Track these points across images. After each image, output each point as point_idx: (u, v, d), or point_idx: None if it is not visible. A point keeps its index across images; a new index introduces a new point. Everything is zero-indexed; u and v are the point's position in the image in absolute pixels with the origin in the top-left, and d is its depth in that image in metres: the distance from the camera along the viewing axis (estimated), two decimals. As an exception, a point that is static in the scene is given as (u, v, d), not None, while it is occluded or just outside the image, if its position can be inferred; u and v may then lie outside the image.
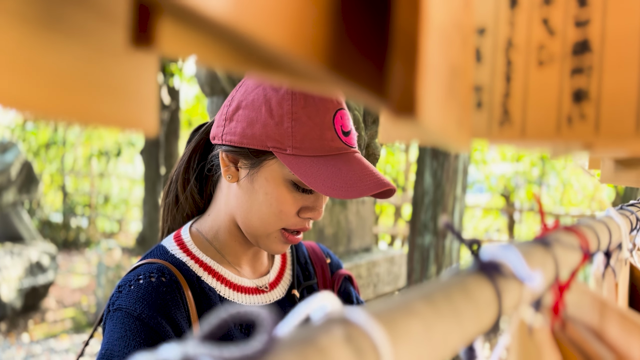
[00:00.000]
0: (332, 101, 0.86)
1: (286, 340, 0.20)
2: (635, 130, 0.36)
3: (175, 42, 0.12)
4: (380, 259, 2.67)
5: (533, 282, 0.35)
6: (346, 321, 0.23)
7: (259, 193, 0.86)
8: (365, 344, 0.22)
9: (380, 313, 0.24)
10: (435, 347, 0.27)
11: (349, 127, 0.88)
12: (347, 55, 0.15)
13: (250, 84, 0.88)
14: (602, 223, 0.68)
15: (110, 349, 0.78)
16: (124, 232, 10.93)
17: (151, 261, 0.88)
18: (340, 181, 0.82)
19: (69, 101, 0.14)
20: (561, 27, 0.38)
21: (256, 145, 0.84)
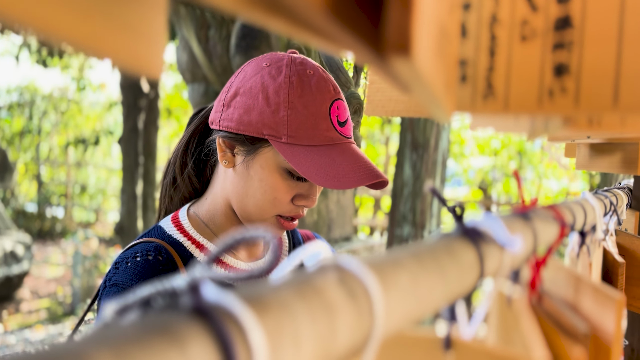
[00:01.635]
0: (330, 91, 0.87)
1: (284, 280, 0.21)
2: (613, 103, 0.38)
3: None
4: (359, 247, 2.70)
5: (513, 247, 0.37)
6: (339, 267, 0.24)
7: (254, 179, 0.87)
8: (357, 287, 0.23)
9: (371, 262, 0.25)
10: (421, 299, 0.28)
11: (345, 117, 0.89)
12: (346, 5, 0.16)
13: (249, 71, 0.89)
14: (578, 204, 0.70)
15: None
16: (100, 222, 10.79)
17: (148, 240, 0.88)
18: (333, 171, 0.83)
19: (85, 29, 0.14)
20: (544, 3, 0.40)
21: (252, 132, 0.85)
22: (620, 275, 0.96)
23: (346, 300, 0.22)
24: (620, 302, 0.52)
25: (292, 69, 0.86)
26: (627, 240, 1.16)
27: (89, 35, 0.16)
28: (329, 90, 0.87)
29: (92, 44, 0.16)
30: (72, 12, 0.15)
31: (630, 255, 1.16)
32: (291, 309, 0.19)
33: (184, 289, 0.17)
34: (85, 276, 6.00)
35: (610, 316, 0.52)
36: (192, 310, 0.17)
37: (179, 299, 0.17)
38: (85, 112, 11.42)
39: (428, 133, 5.40)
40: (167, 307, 0.17)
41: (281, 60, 0.88)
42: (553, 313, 0.56)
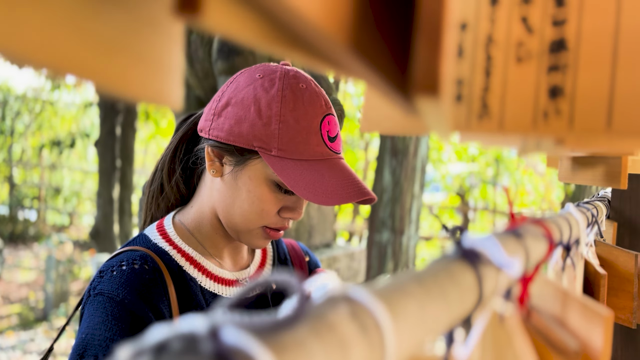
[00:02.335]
0: (321, 106, 0.87)
1: (297, 316, 0.21)
2: (606, 126, 0.38)
3: (218, 13, 0.12)
4: (340, 254, 2.69)
5: (511, 269, 0.37)
6: (350, 299, 0.24)
7: (242, 190, 0.87)
8: (368, 320, 0.23)
9: (379, 292, 0.25)
10: (427, 326, 0.28)
11: (335, 132, 0.89)
12: (370, 40, 0.16)
13: (242, 81, 0.88)
14: (563, 218, 0.71)
15: (90, 333, 0.76)
16: (75, 225, 10.60)
17: (134, 248, 0.87)
18: (321, 187, 0.82)
19: (105, 67, 0.14)
20: (539, 25, 0.40)
21: (242, 143, 0.84)
22: (602, 287, 0.98)
23: (359, 334, 0.22)
24: (608, 319, 0.52)
25: (285, 82, 0.86)
26: (606, 250, 1.19)
27: (107, 72, 0.15)
28: (321, 105, 0.87)
29: (111, 80, 0.15)
30: (91, 50, 0.14)
31: (609, 266, 1.18)
32: (307, 348, 0.19)
33: (204, 334, 0.16)
34: (58, 281, 5.88)
35: (599, 332, 0.53)
36: (213, 356, 0.16)
37: (199, 343, 0.16)
38: (61, 113, 11.22)
39: (407, 139, 5.45)
40: (185, 352, 0.16)
41: (274, 73, 0.87)
42: (542, 329, 0.56)
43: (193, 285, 0.87)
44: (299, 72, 0.90)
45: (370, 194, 0.86)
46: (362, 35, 0.16)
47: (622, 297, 1.16)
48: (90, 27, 0.13)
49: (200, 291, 0.88)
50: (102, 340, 0.75)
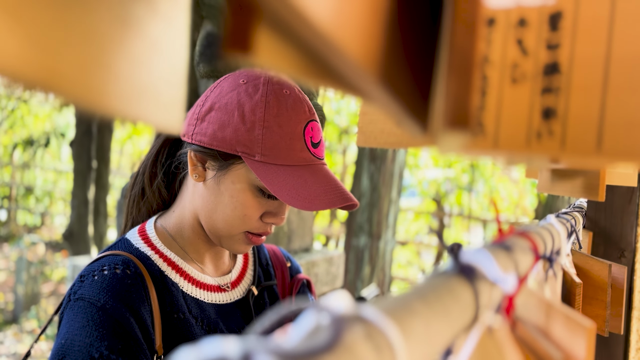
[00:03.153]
0: (305, 112, 0.88)
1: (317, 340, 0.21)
2: (596, 149, 0.40)
3: (268, 51, 0.13)
4: (319, 259, 2.70)
5: (506, 285, 0.38)
6: (363, 320, 0.24)
7: (225, 195, 0.87)
8: (382, 341, 0.24)
9: (389, 311, 0.26)
10: (433, 344, 0.29)
11: (318, 139, 0.90)
12: (396, 74, 0.17)
13: (226, 86, 0.88)
14: (546, 229, 0.73)
15: (70, 338, 0.75)
16: (47, 226, 10.38)
17: (116, 253, 0.86)
18: (304, 192, 0.83)
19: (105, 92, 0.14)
20: (534, 48, 0.41)
21: (226, 148, 0.85)
22: (577, 296, 1.00)
23: (373, 355, 0.23)
24: (591, 330, 0.54)
25: (269, 88, 0.86)
26: (581, 259, 1.22)
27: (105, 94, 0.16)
28: (304, 111, 0.88)
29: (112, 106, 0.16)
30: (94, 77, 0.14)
31: (584, 275, 1.21)
32: (329, 371, 0.20)
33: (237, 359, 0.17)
34: (29, 283, 5.76)
35: (581, 343, 0.55)
36: (247, 382, 0.17)
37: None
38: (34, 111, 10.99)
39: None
40: (218, 377, 0.17)
41: (258, 79, 0.88)
42: (527, 339, 0.58)
43: (175, 290, 0.87)
44: (282, 78, 0.91)
45: (353, 200, 0.87)
46: (391, 68, 0.16)
47: (595, 305, 1.19)
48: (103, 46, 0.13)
49: (182, 296, 0.88)
50: (82, 346, 0.74)
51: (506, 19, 0.43)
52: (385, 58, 0.16)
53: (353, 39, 0.14)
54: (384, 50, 0.16)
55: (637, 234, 1.36)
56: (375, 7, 0.15)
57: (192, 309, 0.88)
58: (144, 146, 11.49)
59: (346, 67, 0.15)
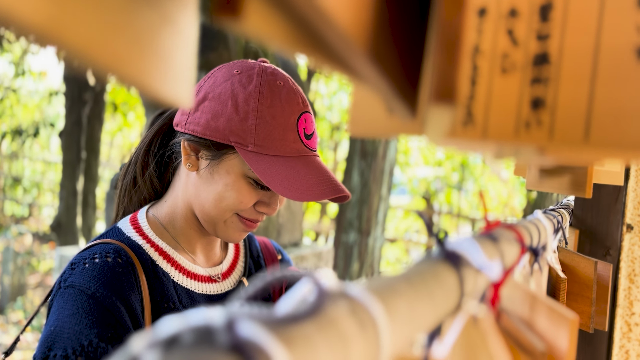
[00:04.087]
0: (298, 103, 0.88)
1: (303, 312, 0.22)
2: (584, 139, 0.40)
3: (258, 17, 0.13)
4: (308, 254, 2.70)
5: (491, 272, 0.38)
6: (348, 296, 0.24)
7: (219, 184, 0.87)
8: (366, 317, 0.24)
9: (374, 290, 0.26)
10: (416, 323, 0.29)
11: (311, 130, 0.90)
12: (385, 49, 0.17)
13: (220, 76, 0.88)
14: (532, 224, 0.74)
15: (60, 325, 0.75)
16: (34, 217, 10.30)
17: (107, 241, 0.86)
18: (297, 183, 0.83)
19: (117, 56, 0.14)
20: (524, 38, 0.42)
21: (219, 138, 0.85)
22: (562, 291, 1.02)
23: (357, 330, 0.23)
24: (574, 322, 0.55)
25: (263, 79, 0.86)
26: (568, 256, 1.23)
27: (120, 62, 0.16)
28: (298, 103, 0.88)
29: (124, 72, 0.16)
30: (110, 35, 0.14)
31: (571, 271, 1.22)
32: (313, 342, 0.20)
33: (220, 326, 0.17)
34: (16, 274, 5.71)
35: (564, 335, 0.55)
36: (230, 348, 0.17)
37: (214, 335, 0.17)
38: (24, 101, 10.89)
39: (377, 142, 5.50)
40: (201, 344, 0.17)
41: (252, 69, 0.88)
42: (511, 331, 0.58)
43: (165, 280, 0.87)
44: (277, 69, 0.90)
45: (345, 192, 0.87)
46: (380, 44, 0.16)
47: (581, 302, 1.20)
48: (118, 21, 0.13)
49: (173, 286, 0.88)
50: (71, 334, 0.74)
51: (497, 9, 0.43)
52: (375, 33, 0.16)
53: (343, 9, 0.14)
54: (374, 24, 0.16)
55: (622, 233, 1.38)
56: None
57: (183, 298, 0.88)
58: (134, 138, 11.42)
59: (336, 37, 0.15)
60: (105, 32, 0.13)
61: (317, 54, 0.16)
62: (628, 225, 1.35)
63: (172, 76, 0.17)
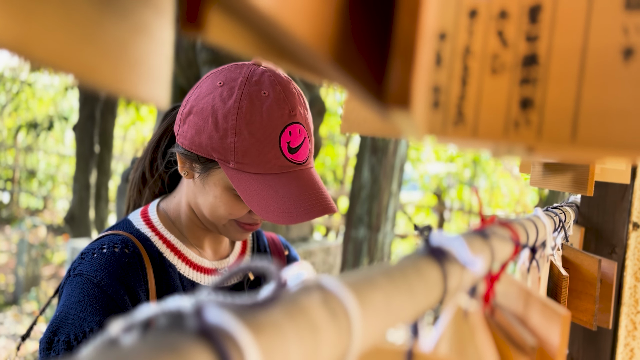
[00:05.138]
0: (282, 115, 0.84)
1: (273, 301, 0.23)
2: (571, 137, 0.41)
3: (219, 29, 0.14)
4: (316, 248, 2.72)
5: (474, 267, 0.39)
6: (322, 288, 0.26)
7: (209, 195, 0.89)
8: (338, 307, 0.25)
9: (349, 282, 0.27)
10: (392, 315, 0.30)
11: (298, 142, 0.86)
12: (349, 54, 0.18)
13: (203, 89, 0.87)
14: (530, 221, 0.74)
15: (65, 312, 0.78)
16: (48, 209, 10.43)
17: (116, 232, 0.89)
18: (274, 205, 0.82)
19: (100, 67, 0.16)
20: (514, 39, 0.42)
21: (203, 153, 0.85)
22: (563, 289, 1.02)
23: (328, 319, 0.24)
24: (566, 318, 0.55)
25: (245, 91, 0.84)
26: (572, 254, 1.23)
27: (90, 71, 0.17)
28: (283, 115, 0.84)
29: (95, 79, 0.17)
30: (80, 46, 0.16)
31: (574, 269, 1.23)
32: (282, 330, 0.21)
33: (189, 312, 0.18)
34: (30, 265, 5.80)
35: (556, 330, 0.56)
36: (197, 332, 0.18)
37: (184, 320, 0.18)
38: (39, 95, 11.01)
39: (388, 138, 5.49)
40: (172, 328, 0.18)
41: (235, 80, 0.85)
42: (504, 325, 0.59)
43: (171, 272, 0.89)
44: (266, 75, 0.86)
45: (328, 208, 0.85)
46: (342, 50, 0.17)
47: (584, 299, 1.20)
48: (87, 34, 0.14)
49: (179, 278, 0.90)
50: (75, 320, 0.77)
51: (488, 11, 0.44)
52: (337, 40, 0.17)
53: (301, 21, 0.15)
54: (336, 32, 0.17)
55: (628, 231, 1.37)
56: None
57: (188, 290, 0.90)
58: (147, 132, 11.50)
59: (297, 47, 0.16)
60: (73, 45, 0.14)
61: (283, 61, 0.17)
62: (634, 223, 1.35)
63: (146, 79, 0.18)
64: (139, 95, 0.19)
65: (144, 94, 0.19)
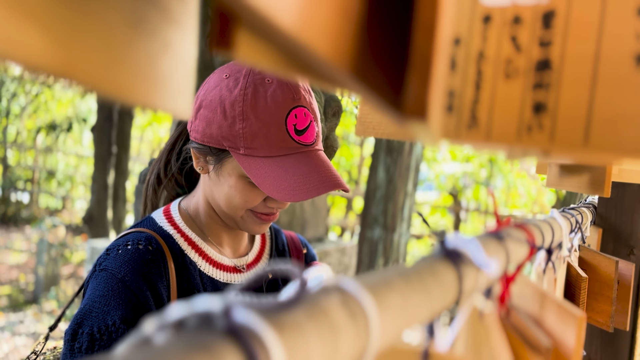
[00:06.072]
0: (288, 99, 0.87)
1: (296, 302, 0.24)
2: (583, 141, 0.42)
3: (248, 48, 0.15)
4: (332, 249, 2.73)
5: (489, 269, 0.40)
6: (341, 289, 0.27)
7: (224, 186, 0.91)
8: (357, 308, 0.26)
9: (367, 284, 0.28)
10: (408, 316, 0.31)
11: (304, 125, 0.89)
12: (367, 67, 0.19)
13: (211, 83, 0.91)
14: (546, 223, 0.74)
15: (90, 305, 0.81)
16: (67, 209, 10.59)
17: (140, 230, 0.92)
18: (285, 184, 0.85)
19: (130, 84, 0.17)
20: (527, 45, 0.43)
21: (215, 144, 0.88)
22: (582, 290, 1.02)
23: (348, 320, 0.25)
24: (581, 319, 0.56)
25: (249, 80, 0.87)
26: (589, 255, 1.22)
27: (124, 90, 0.18)
28: (287, 99, 0.87)
29: (127, 97, 0.18)
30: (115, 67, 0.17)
31: (592, 270, 1.22)
32: (304, 329, 0.22)
33: (218, 312, 0.19)
34: (50, 264, 5.89)
35: (572, 332, 0.56)
36: (226, 331, 0.19)
37: (213, 320, 0.20)
38: (58, 96, 11.18)
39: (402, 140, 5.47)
40: (202, 327, 0.20)
41: (240, 72, 0.89)
42: (519, 327, 0.60)
43: (192, 269, 0.91)
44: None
45: (338, 186, 0.87)
46: (361, 64, 0.18)
47: (601, 301, 1.20)
48: (121, 55, 0.16)
49: (199, 275, 0.92)
50: (99, 313, 0.80)
51: (502, 17, 0.45)
52: (357, 55, 0.18)
53: (322, 40, 0.16)
54: (355, 47, 0.18)
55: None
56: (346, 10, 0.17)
57: (207, 286, 0.92)
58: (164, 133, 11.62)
59: (319, 64, 0.17)
60: (111, 67, 0.15)
61: (305, 75, 0.19)
62: (653, 224, 1.34)
63: (171, 93, 0.19)
64: (166, 108, 0.20)
65: (170, 107, 0.21)
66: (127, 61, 0.16)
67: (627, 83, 0.41)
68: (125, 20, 0.17)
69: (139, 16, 0.16)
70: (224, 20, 0.15)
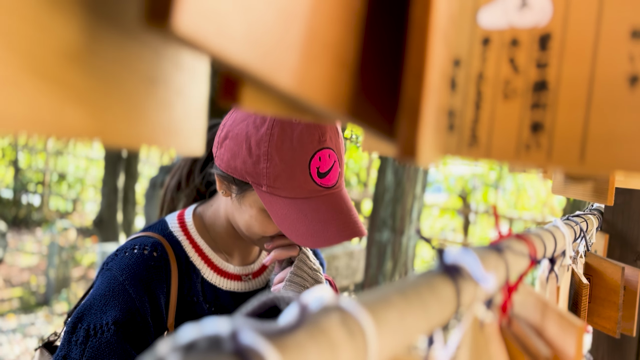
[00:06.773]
0: (313, 141, 0.88)
1: (297, 322, 0.26)
2: (579, 159, 0.43)
3: (252, 101, 0.17)
4: (340, 253, 2.74)
5: (487, 284, 0.42)
6: (340, 308, 0.28)
7: (245, 214, 0.93)
8: (355, 327, 0.28)
9: (366, 303, 0.30)
10: (406, 332, 0.33)
11: (328, 167, 0.90)
12: (362, 107, 0.20)
13: (238, 116, 0.91)
14: (549, 232, 0.76)
15: (91, 301, 0.85)
16: (78, 212, 10.68)
17: (149, 235, 0.95)
18: (302, 229, 0.87)
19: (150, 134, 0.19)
20: (525, 66, 0.45)
21: (238, 176, 0.90)
22: (584, 297, 1.03)
23: (346, 338, 0.27)
24: (581, 329, 0.57)
25: (276, 119, 0.87)
26: (595, 261, 1.23)
27: (145, 140, 0.20)
28: (313, 141, 0.88)
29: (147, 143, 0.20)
30: (137, 121, 0.19)
31: (598, 276, 1.23)
32: (305, 349, 0.24)
33: (226, 335, 0.21)
34: (61, 267, 5.96)
35: (572, 341, 0.58)
36: (233, 353, 0.21)
37: (222, 342, 0.21)
38: (68, 100, 11.25)
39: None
40: (211, 349, 0.21)
41: None
42: (520, 336, 0.61)
43: (194, 276, 0.94)
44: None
45: (356, 232, 0.88)
46: (356, 105, 0.20)
47: (608, 307, 1.20)
48: (143, 103, 0.17)
49: (201, 282, 0.94)
50: (97, 311, 0.83)
51: (500, 39, 0.46)
52: (352, 97, 0.20)
53: (319, 91, 0.18)
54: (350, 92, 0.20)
55: (653, 238, 1.36)
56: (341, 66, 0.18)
57: (208, 294, 0.94)
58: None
59: (318, 109, 0.19)
60: (133, 123, 0.17)
61: (306, 116, 0.20)
62: (659, 230, 1.34)
63: (184, 135, 0.21)
64: (180, 149, 0.22)
65: (184, 147, 0.22)
66: (147, 114, 0.18)
67: (621, 103, 0.42)
68: (145, 78, 0.19)
69: (157, 72, 0.18)
70: (229, 79, 0.17)
